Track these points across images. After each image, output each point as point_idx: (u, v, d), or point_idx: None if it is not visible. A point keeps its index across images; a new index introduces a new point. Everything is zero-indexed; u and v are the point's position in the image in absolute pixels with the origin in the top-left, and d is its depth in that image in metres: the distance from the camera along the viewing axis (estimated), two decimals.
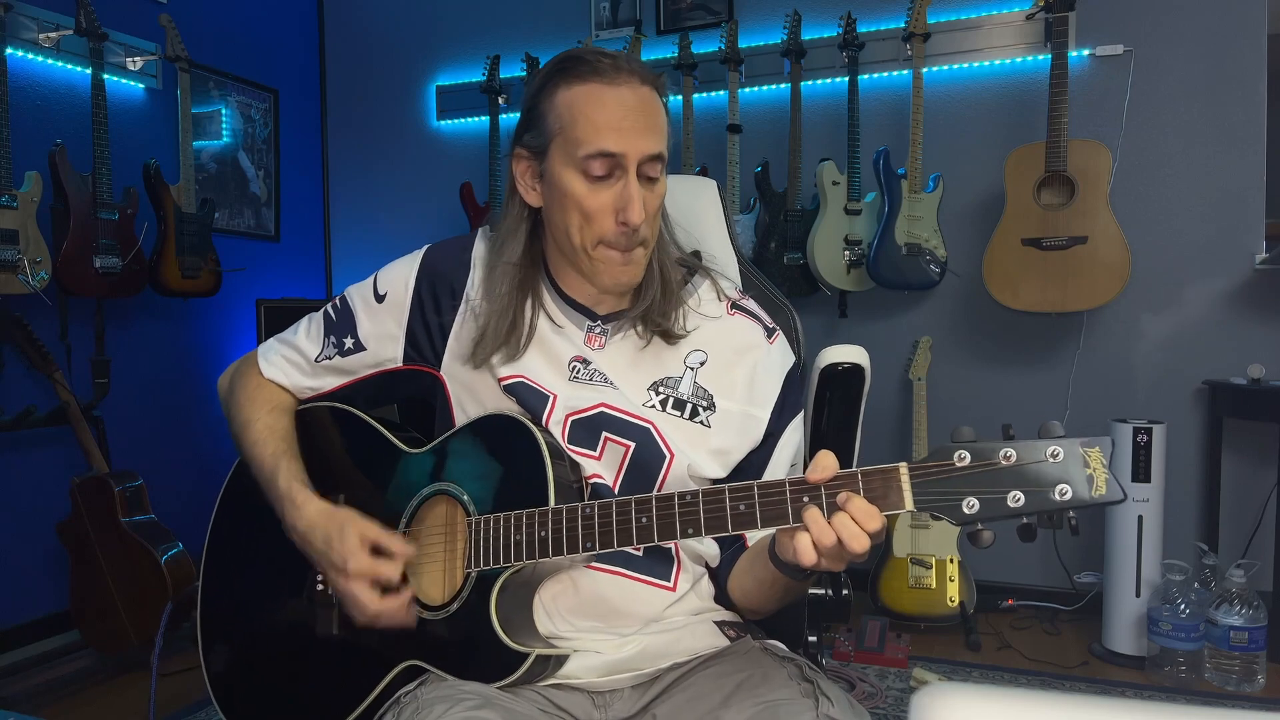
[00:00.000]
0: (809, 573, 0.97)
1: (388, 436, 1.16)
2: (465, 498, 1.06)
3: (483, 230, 1.20)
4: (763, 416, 1.12)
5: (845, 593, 1.30)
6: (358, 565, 1.02)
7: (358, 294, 1.19)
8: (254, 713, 1.19)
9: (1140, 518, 2.55)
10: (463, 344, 1.13)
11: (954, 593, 2.76)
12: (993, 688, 0.51)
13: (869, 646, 2.60)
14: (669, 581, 1.09)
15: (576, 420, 1.08)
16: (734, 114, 3.10)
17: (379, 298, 1.17)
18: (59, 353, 2.65)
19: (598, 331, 1.13)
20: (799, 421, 1.17)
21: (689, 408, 1.10)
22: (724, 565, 1.14)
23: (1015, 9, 2.96)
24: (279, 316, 2.95)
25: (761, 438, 1.12)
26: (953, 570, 2.77)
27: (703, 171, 3.09)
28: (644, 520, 0.95)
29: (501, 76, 3.43)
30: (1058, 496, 0.83)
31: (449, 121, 3.72)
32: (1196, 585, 2.48)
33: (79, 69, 2.77)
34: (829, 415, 1.26)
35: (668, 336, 1.11)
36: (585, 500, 1.06)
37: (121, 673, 2.57)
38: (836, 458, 0.90)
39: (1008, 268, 2.75)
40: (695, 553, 1.12)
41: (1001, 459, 0.85)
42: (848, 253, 2.97)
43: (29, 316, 2.54)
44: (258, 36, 3.56)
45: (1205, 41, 2.80)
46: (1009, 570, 3.03)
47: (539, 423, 1.07)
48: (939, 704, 0.50)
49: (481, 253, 1.16)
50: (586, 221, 1.05)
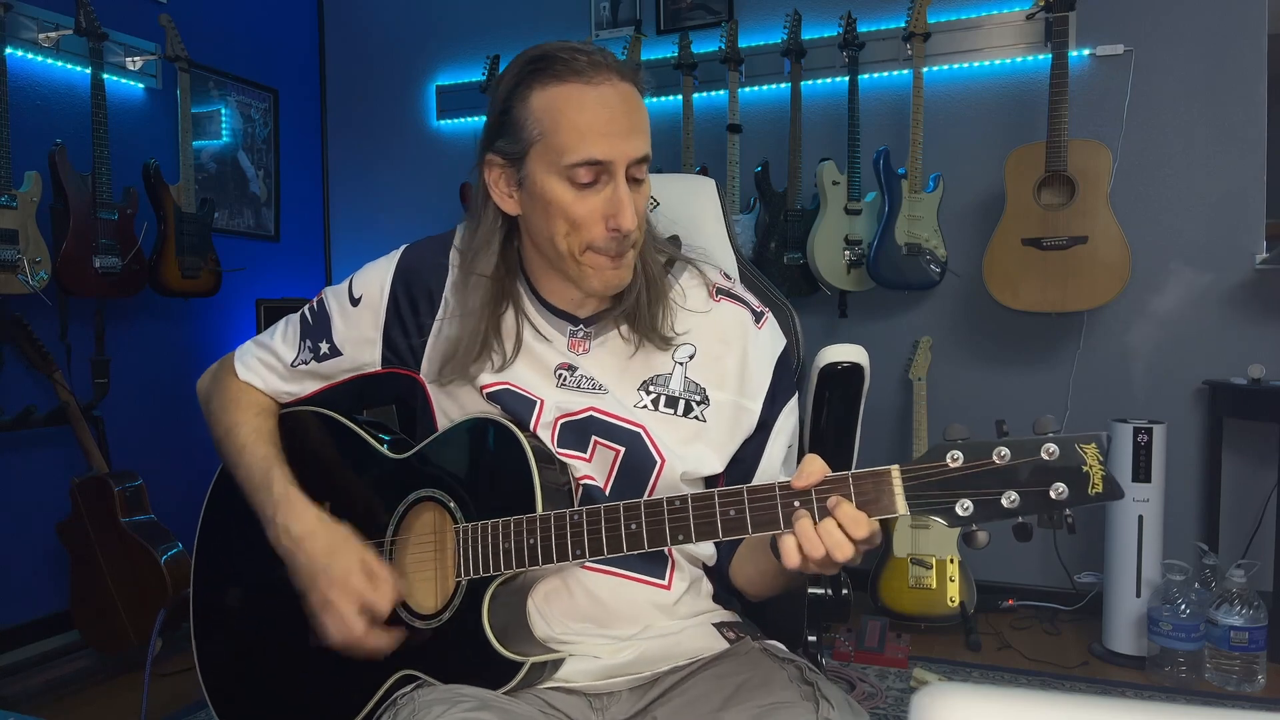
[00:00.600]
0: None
1: (371, 441, 1.15)
2: (452, 504, 1.05)
3: (461, 227, 1.16)
4: (754, 407, 1.10)
5: (845, 593, 1.30)
6: (356, 582, 1.00)
7: (333, 297, 1.17)
8: (249, 718, 1.18)
9: (1140, 518, 2.55)
10: (440, 350, 1.11)
11: (954, 593, 2.76)
12: (993, 688, 0.51)
13: (869, 646, 2.60)
14: (663, 580, 1.08)
15: (566, 423, 1.06)
16: (734, 114, 3.09)
17: (354, 301, 1.15)
18: (59, 353, 2.65)
19: (580, 336, 1.11)
20: (793, 406, 1.15)
21: (681, 404, 1.09)
22: (724, 553, 1.13)
23: (1015, 9, 2.96)
24: (279, 316, 2.90)
25: (754, 427, 1.11)
26: (953, 570, 2.76)
27: (703, 171, 3.09)
28: (634, 527, 0.94)
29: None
30: (1054, 495, 0.81)
31: (449, 121, 3.71)
32: (1197, 585, 2.48)
33: (79, 69, 2.77)
34: (828, 415, 1.26)
35: (656, 341, 1.09)
36: (575, 502, 1.05)
37: (121, 673, 2.57)
38: (825, 462, 0.89)
39: (1008, 268, 2.75)
40: (690, 553, 1.11)
41: (995, 458, 0.83)
42: (848, 253, 2.97)
43: (29, 316, 2.54)
44: (258, 36, 3.56)
45: (1205, 41, 2.80)
46: (1009, 570, 3.03)
47: (525, 428, 1.05)
48: (939, 704, 0.50)
49: (460, 250, 1.13)
50: (574, 229, 1.02)
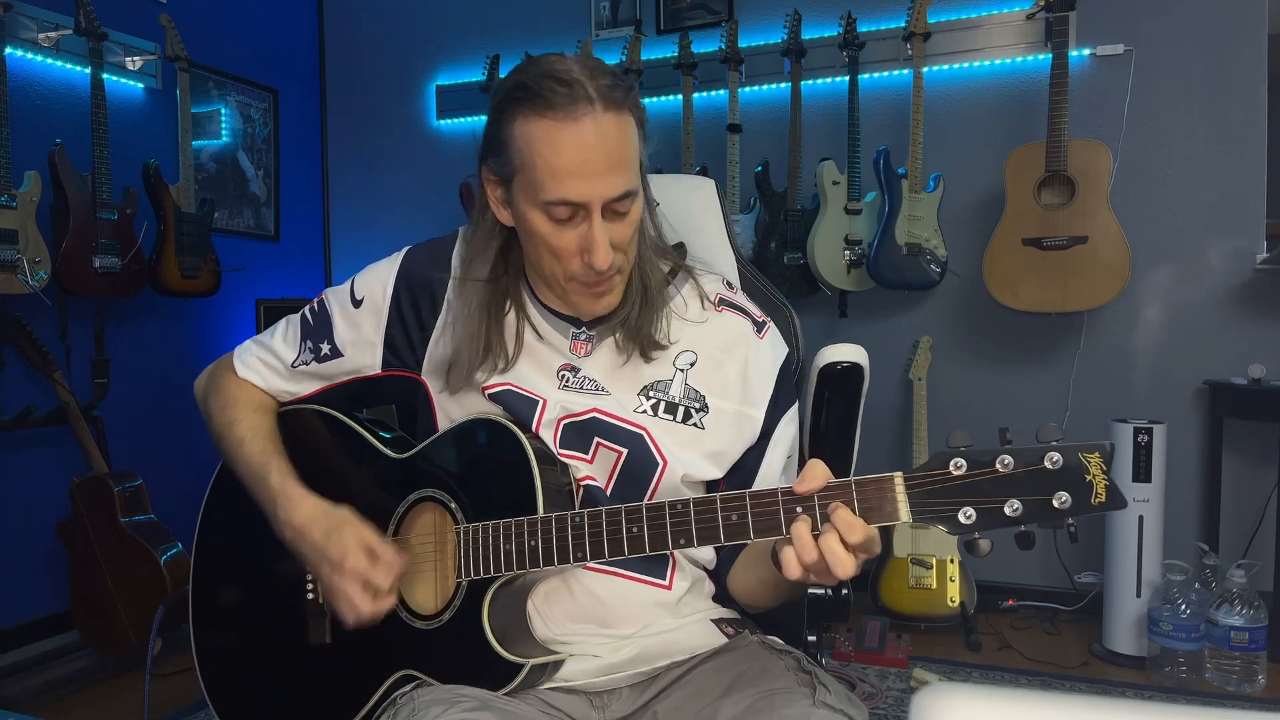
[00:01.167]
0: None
1: (372, 441, 1.15)
2: (453, 505, 1.05)
3: (463, 230, 1.16)
4: (757, 415, 1.11)
5: (845, 593, 1.30)
6: (355, 563, 1.00)
7: (335, 299, 1.17)
8: (248, 717, 1.18)
9: (1141, 518, 2.55)
10: (442, 354, 1.11)
11: (954, 593, 2.76)
12: (993, 688, 0.51)
13: (869, 647, 2.59)
14: (665, 580, 1.08)
15: (569, 424, 1.06)
16: (734, 114, 3.09)
17: (356, 303, 1.15)
18: (59, 353, 2.65)
19: (583, 338, 1.11)
20: (793, 414, 1.15)
21: (681, 410, 1.09)
22: (724, 562, 1.13)
23: (1015, 9, 2.96)
24: (279, 316, 2.90)
25: (757, 436, 1.11)
26: (953, 570, 2.76)
27: (703, 171, 3.09)
28: (635, 530, 0.94)
29: (501, 76, 3.42)
30: (1056, 504, 0.81)
31: (449, 121, 3.71)
32: (1197, 585, 2.48)
33: (79, 69, 2.77)
34: (828, 415, 1.26)
35: (646, 350, 1.08)
36: (576, 504, 1.05)
37: (121, 673, 2.57)
38: (828, 466, 0.89)
39: (1008, 268, 2.75)
40: (691, 555, 1.11)
41: (999, 466, 0.83)
42: (848, 252, 2.97)
43: (29, 316, 2.54)
44: (257, 36, 3.56)
45: (1205, 41, 2.80)
46: (1009, 570, 3.03)
47: (527, 428, 1.05)
48: (939, 704, 0.50)
49: (460, 254, 1.13)
50: (555, 257, 1.02)
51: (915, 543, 2.79)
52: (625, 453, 1.06)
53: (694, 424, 1.09)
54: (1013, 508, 0.82)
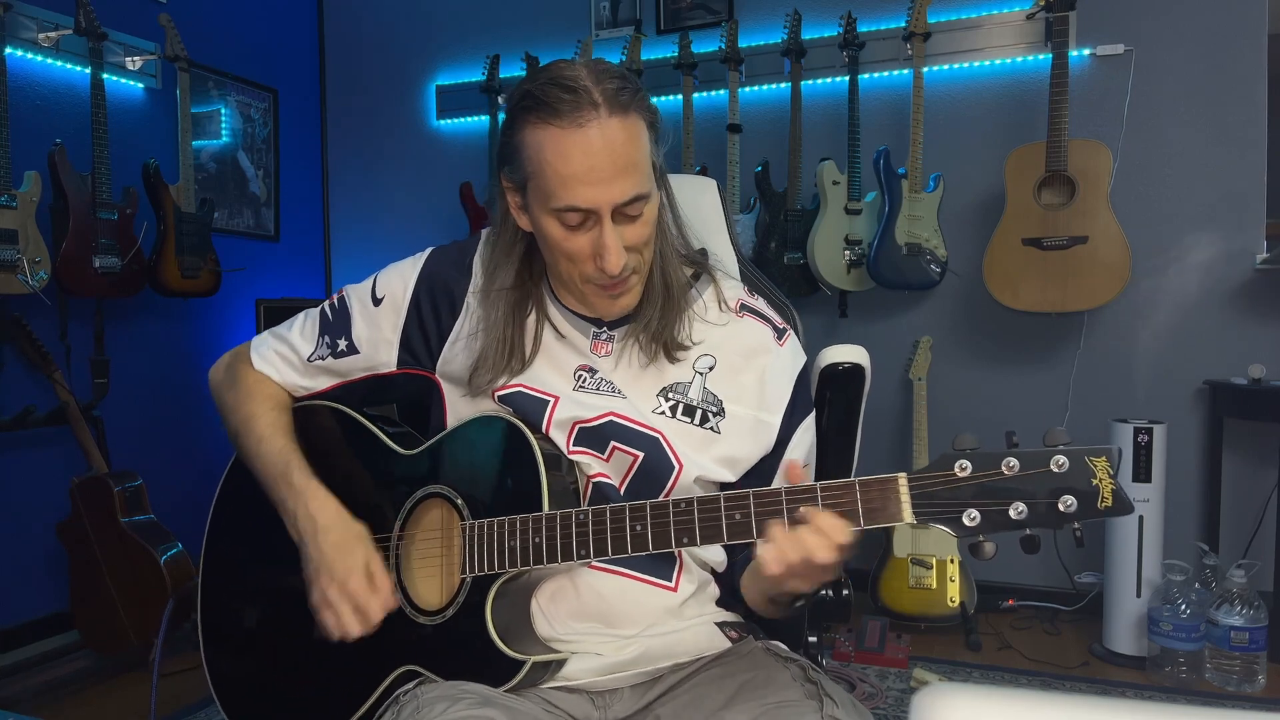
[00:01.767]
0: (799, 599, 0.96)
1: (381, 436, 1.15)
2: (459, 501, 1.06)
3: (486, 233, 1.17)
4: (774, 422, 1.11)
5: (845, 593, 1.30)
6: (356, 585, 1.02)
7: (355, 295, 1.18)
8: (254, 712, 1.19)
9: (1141, 518, 2.55)
10: (459, 357, 1.12)
11: (954, 593, 2.76)
12: (993, 688, 0.51)
13: (869, 647, 2.59)
14: (670, 581, 1.08)
15: (584, 428, 1.06)
16: (734, 114, 3.09)
17: (376, 301, 1.15)
18: (58, 353, 2.65)
19: (604, 338, 1.11)
20: (809, 422, 1.15)
21: (698, 413, 1.09)
22: (736, 570, 1.12)
23: (1015, 9, 2.96)
24: (279, 316, 2.91)
25: (773, 443, 1.11)
26: (953, 570, 2.76)
27: (703, 171, 3.09)
28: (639, 528, 0.95)
29: (501, 76, 3.43)
30: (1062, 508, 0.81)
31: (449, 121, 3.71)
32: (1197, 585, 2.48)
33: (78, 69, 2.77)
34: (829, 415, 1.26)
35: (670, 351, 1.09)
36: (584, 501, 1.05)
37: (121, 673, 2.57)
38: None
39: (1008, 268, 2.75)
40: (699, 557, 1.11)
41: (1004, 469, 0.82)
42: (848, 252, 2.97)
43: (28, 316, 2.54)
44: (257, 36, 3.56)
45: (1205, 41, 2.80)
46: (1009, 570, 3.03)
47: (537, 429, 1.06)
48: (939, 704, 0.50)
49: (483, 259, 1.14)
50: (570, 261, 1.03)
51: (915, 543, 2.79)
52: (641, 456, 1.06)
53: (710, 428, 1.09)
54: (1018, 511, 0.82)
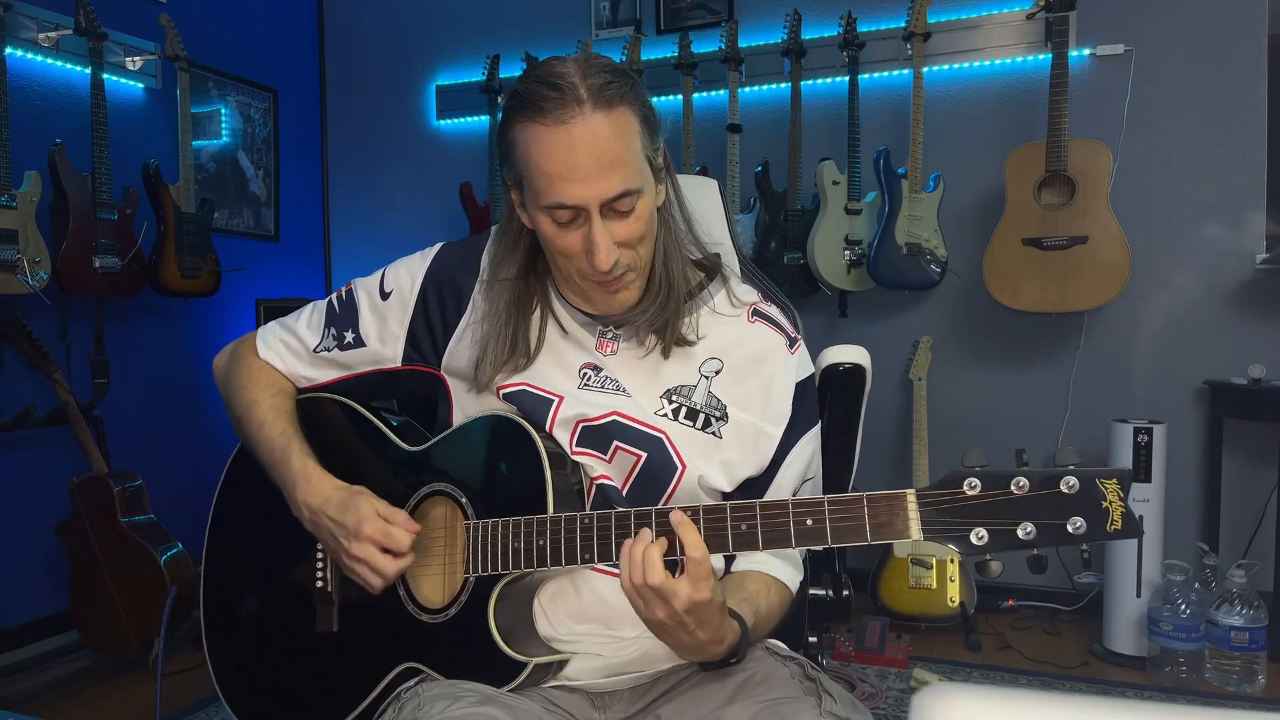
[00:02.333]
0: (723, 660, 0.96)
1: (386, 432, 1.15)
2: (464, 500, 1.05)
3: (496, 230, 1.16)
4: (775, 434, 1.10)
5: (845, 593, 1.30)
6: (372, 528, 1.02)
7: (363, 288, 1.18)
8: (256, 706, 1.19)
9: (1141, 518, 2.55)
10: (464, 352, 1.11)
11: (954, 593, 2.76)
12: (993, 688, 0.51)
13: (869, 647, 2.59)
14: None
15: (588, 427, 1.06)
16: (734, 114, 3.09)
17: (384, 295, 1.15)
18: (58, 353, 2.65)
19: (609, 336, 1.10)
20: (813, 434, 1.14)
21: (701, 418, 1.08)
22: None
23: (1015, 9, 2.96)
24: (279, 316, 2.92)
25: (771, 456, 1.10)
26: (953, 570, 2.76)
27: (703, 171, 3.09)
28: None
29: (501, 76, 3.43)
30: (1071, 530, 0.80)
31: (449, 121, 3.71)
32: (1197, 585, 2.48)
33: (79, 69, 2.77)
34: (830, 415, 1.26)
35: (672, 344, 1.08)
36: (588, 503, 1.05)
37: (121, 673, 2.57)
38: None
39: (1008, 268, 2.75)
40: None
41: (1013, 488, 0.82)
42: (848, 252, 2.97)
43: (28, 316, 2.54)
44: (257, 36, 3.56)
45: (1205, 41, 2.80)
46: (1009, 571, 3.01)
47: (541, 428, 1.05)
48: (939, 704, 0.50)
49: (491, 255, 1.13)
50: (565, 258, 1.03)
51: (916, 544, 2.79)
52: (644, 456, 1.05)
53: (712, 432, 1.08)
54: (1025, 531, 0.82)
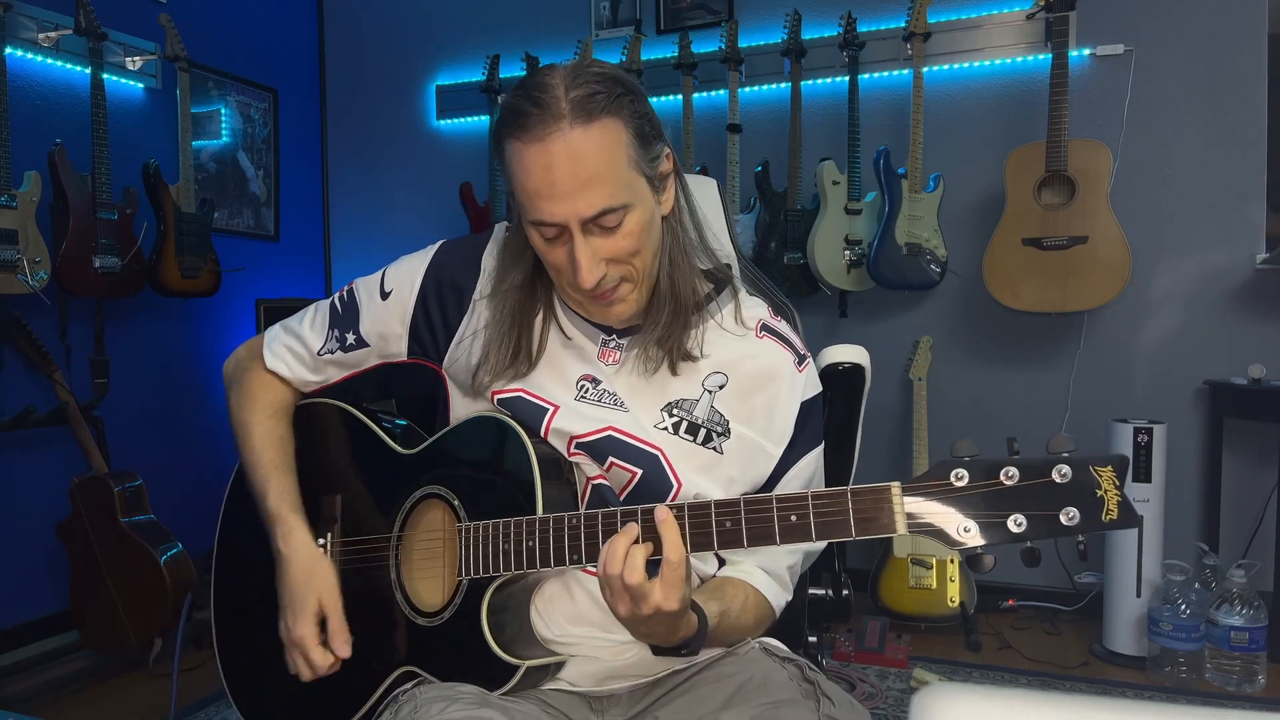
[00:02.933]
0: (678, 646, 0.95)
1: (382, 436, 1.15)
2: (456, 502, 1.05)
3: (499, 229, 1.15)
4: (775, 453, 1.08)
5: (845, 593, 1.30)
6: (302, 633, 1.06)
7: (364, 288, 1.17)
8: (262, 708, 1.20)
9: (1141, 518, 2.55)
10: (464, 355, 1.10)
11: (954, 593, 2.76)
12: (993, 688, 0.51)
13: (869, 647, 2.59)
14: None
15: (581, 444, 1.04)
16: (734, 114, 3.09)
17: (384, 294, 1.14)
18: (58, 353, 2.64)
19: (613, 346, 1.08)
20: (814, 456, 1.11)
21: (702, 433, 1.06)
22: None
23: (1015, 9, 2.96)
24: (278, 317, 2.88)
25: (768, 473, 1.08)
26: (953, 570, 2.76)
27: (703, 171, 3.09)
28: None
29: (501, 76, 3.43)
30: (1064, 521, 0.77)
31: (449, 121, 3.71)
32: (1197, 585, 2.48)
33: (78, 69, 2.77)
34: (830, 415, 1.26)
35: (677, 361, 1.05)
36: (583, 505, 1.05)
37: (121, 673, 2.57)
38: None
39: (1008, 268, 2.75)
40: (693, 564, 1.09)
41: (1003, 478, 0.79)
42: (848, 252, 2.97)
43: (28, 316, 2.54)
44: (257, 36, 3.55)
45: (1205, 41, 2.80)
46: (1009, 571, 3.02)
47: (534, 431, 1.04)
48: (939, 704, 0.50)
49: (495, 256, 1.12)
50: (555, 270, 1.02)
51: (915, 543, 2.79)
52: (640, 474, 1.03)
53: (713, 448, 1.06)
54: (1017, 523, 0.79)
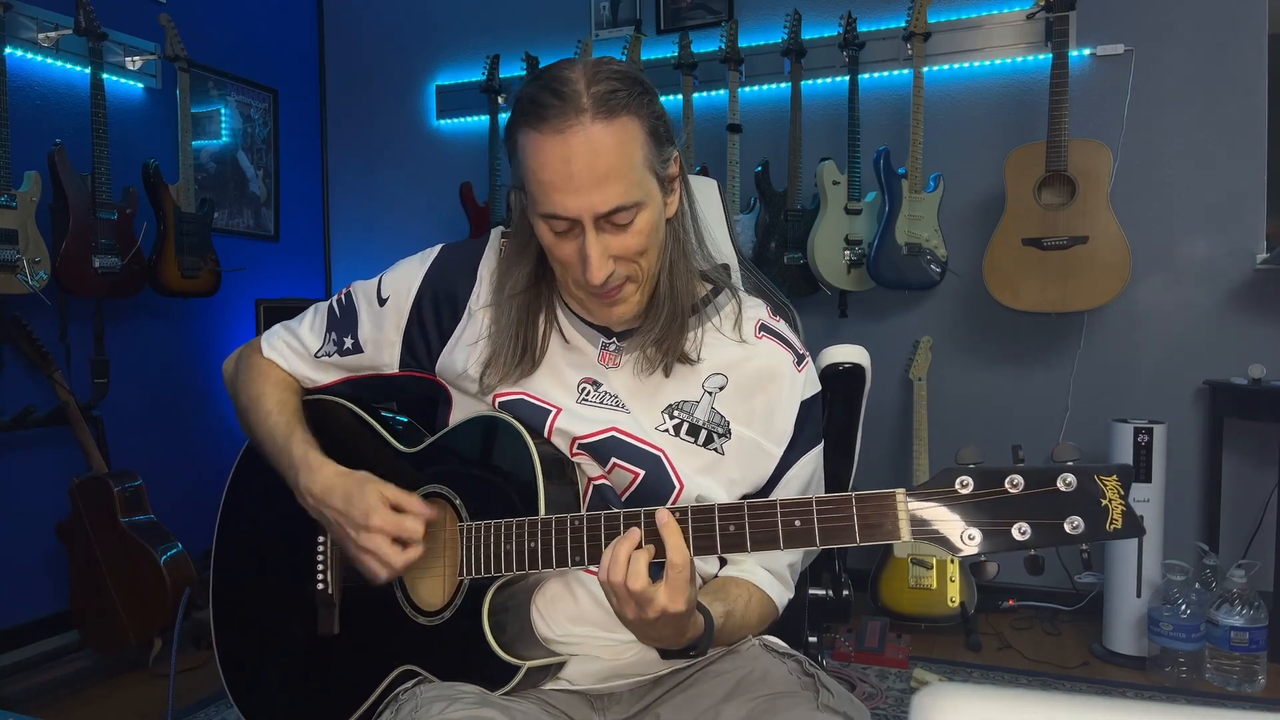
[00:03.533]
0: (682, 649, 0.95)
1: (384, 433, 1.16)
2: (458, 502, 1.05)
3: (496, 234, 1.15)
4: (775, 452, 1.08)
5: (846, 593, 1.30)
6: (381, 519, 1.00)
7: (362, 293, 1.17)
8: (262, 706, 1.20)
9: (1141, 518, 2.54)
10: (459, 358, 1.10)
11: (954, 593, 2.76)
12: (993, 688, 0.51)
13: (869, 647, 2.59)
14: None
15: (584, 444, 1.04)
16: (734, 114, 3.09)
17: (381, 300, 1.15)
18: (58, 353, 2.65)
19: (613, 349, 1.09)
20: (814, 455, 1.12)
21: (703, 434, 1.06)
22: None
23: (1016, 8, 2.96)
24: (278, 317, 2.90)
25: (769, 474, 1.08)
26: (953, 571, 2.76)
27: (703, 171, 3.09)
28: None
29: (501, 76, 3.43)
30: (1069, 530, 0.77)
31: (449, 121, 3.71)
32: (1197, 585, 2.48)
33: (78, 69, 2.77)
34: (830, 416, 1.26)
35: (674, 363, 1.05)
36: (585, 505, 1.05)
37: (121, 673, 2.57)
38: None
39: (1008, 268, 2.75)
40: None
41: (1008, 486, 0.79)
42: (848, 252, 2.97)
43: (28, 316, 2.54)
44: (257, 36, 3.55)
45: (1205, 41, 2.80)
46: (1009, 571, 3.02)
47: (537, 433, 1.04)
48: (940, 704, 0.50)
49: (492, 264, 1.12)
50: (562, 266, 1.02)
51: (916, 544, 2.78)
52: (642, 474, 1.04)
53: (714, 449, 1.06)
54: (1021, 531, 0.79)
